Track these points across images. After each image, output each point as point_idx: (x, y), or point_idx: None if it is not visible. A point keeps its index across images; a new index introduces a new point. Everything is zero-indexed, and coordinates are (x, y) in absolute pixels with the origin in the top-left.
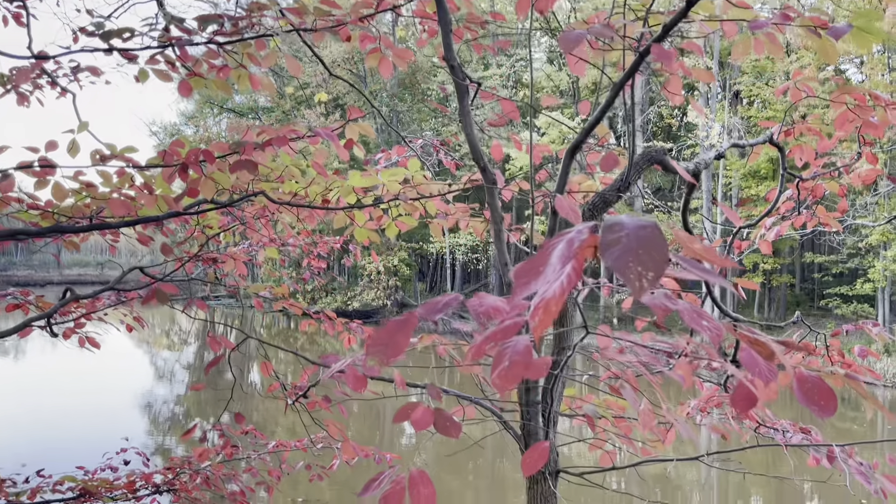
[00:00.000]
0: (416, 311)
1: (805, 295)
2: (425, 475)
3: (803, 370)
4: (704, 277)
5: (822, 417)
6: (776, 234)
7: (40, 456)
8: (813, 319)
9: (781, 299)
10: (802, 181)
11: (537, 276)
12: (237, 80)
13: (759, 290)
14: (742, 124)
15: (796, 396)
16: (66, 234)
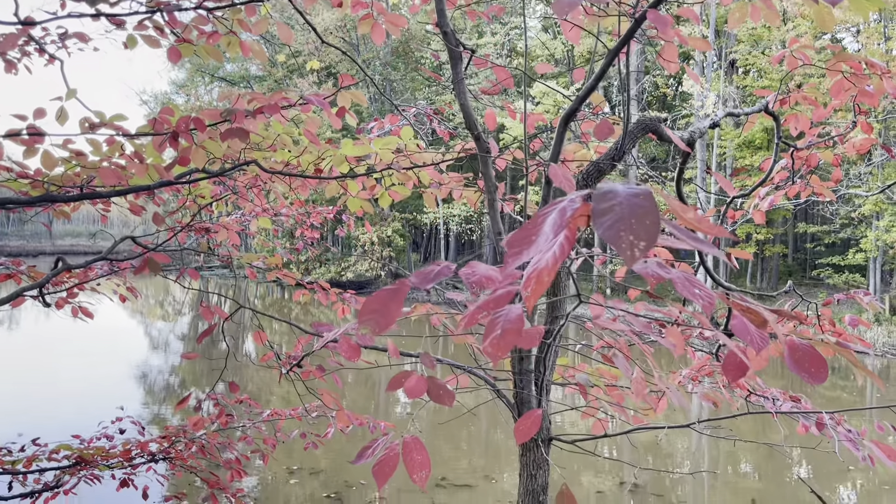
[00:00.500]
0: (408, 279)
1: (797, 265)
2: (419, 442)
3: (795, 338)
4: (698, 247)
5: (813, 384)
6: (770, 203)
7: (35, 425)
8: (805, 289)
9: (774, 269)
10: (797, 150)
11: (529, 245)
12: (227, 46)
13: (752, 260)
14: (737, 93)
15: (787, 364)
16: (57, 204)
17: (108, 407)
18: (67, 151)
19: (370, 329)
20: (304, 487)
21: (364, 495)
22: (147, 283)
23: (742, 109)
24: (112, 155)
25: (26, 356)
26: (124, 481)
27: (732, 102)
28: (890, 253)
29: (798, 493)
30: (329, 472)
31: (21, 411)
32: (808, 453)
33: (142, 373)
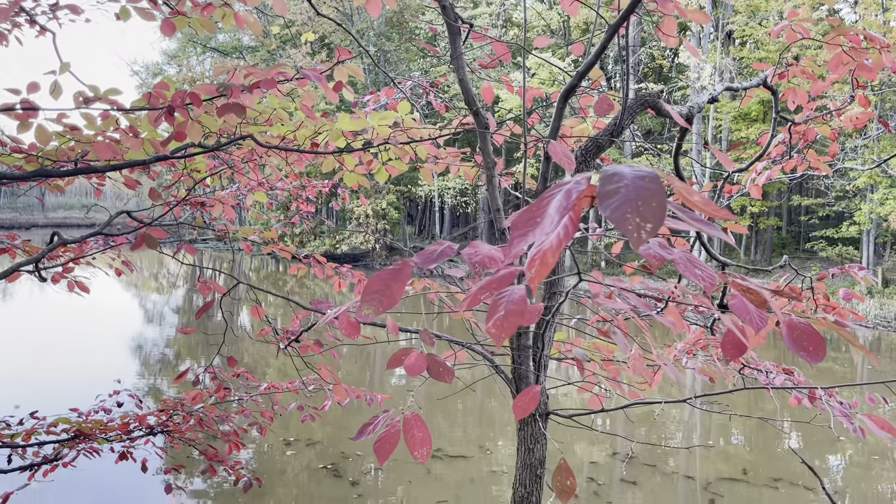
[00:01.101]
0: (410, 259)
1: (791, 237)
2: (420, 419)
3: (794, 317)
4: (702, 229)
5: (812, 363)
6: (767, 178)
7: (32, 397)
8: (798, 261)
9: (768, 242)
10: (794, 125)
11: (534, 227)
12: (221, 18)
13: (747, 233)
14: (734, 65)
15: (786, 342)
16: (51, 178)
17: (104, 379)
18: (62, 126)
19: (373, 309)
20: (300, 459)
21: (360, 466)
22: (141, 256)
23: (740, 84)
24: (107, 129)
25: (21, 328)
26: (123, 454)
27: (729, 74)
28: (883, 226)
29: (789, 464)
30: (325, 443)
31: (17, 382)
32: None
33: (137, 345)
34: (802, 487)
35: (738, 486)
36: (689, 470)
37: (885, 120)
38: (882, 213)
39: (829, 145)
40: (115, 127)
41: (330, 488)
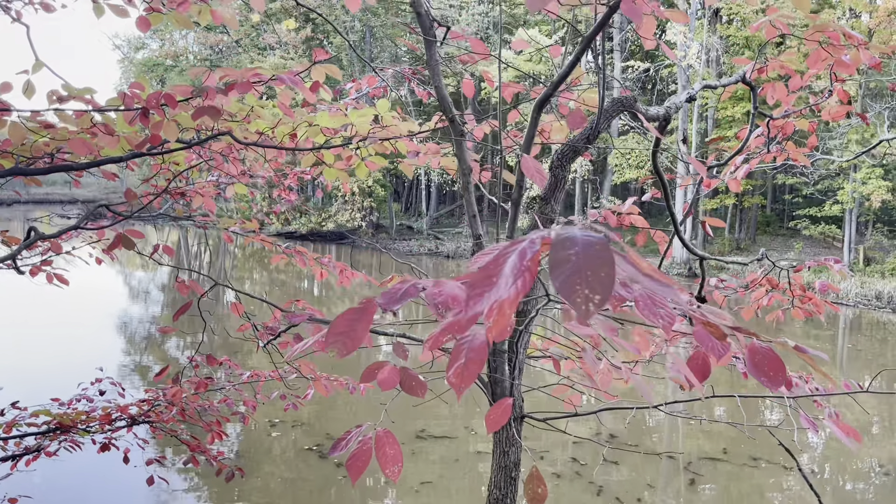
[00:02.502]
0: (374, 299)
1: (775, 216)
2: (391, 435)
3: (755, 342)
4: (654, 291)
5: (772, 389)
6: (745, 172)
7: (11, 381)
8: (782, 239)
9: (752, 220)
10: (773, 120)
11: (490, 287)
12: (198, 14)
13: (731, 211)
14: (721, 43)
15: (748, 367)
16: None
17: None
18: (36, 123)
19: (337, 351)
20: (286, 440)
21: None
22: None
23: (719, 81)
24: (82, 126)
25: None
26: (105, 445)
27: (716, 52)
28: (865, 205)
29: (770, 440)
30: (310, 424)
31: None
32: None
33: (119, 327)
34: (781, 466)
35: (719, 465)
36: (671, 448)
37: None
38: (864, 193)
39: (808, 136)
40: (91, 125)
41: (316, 470)
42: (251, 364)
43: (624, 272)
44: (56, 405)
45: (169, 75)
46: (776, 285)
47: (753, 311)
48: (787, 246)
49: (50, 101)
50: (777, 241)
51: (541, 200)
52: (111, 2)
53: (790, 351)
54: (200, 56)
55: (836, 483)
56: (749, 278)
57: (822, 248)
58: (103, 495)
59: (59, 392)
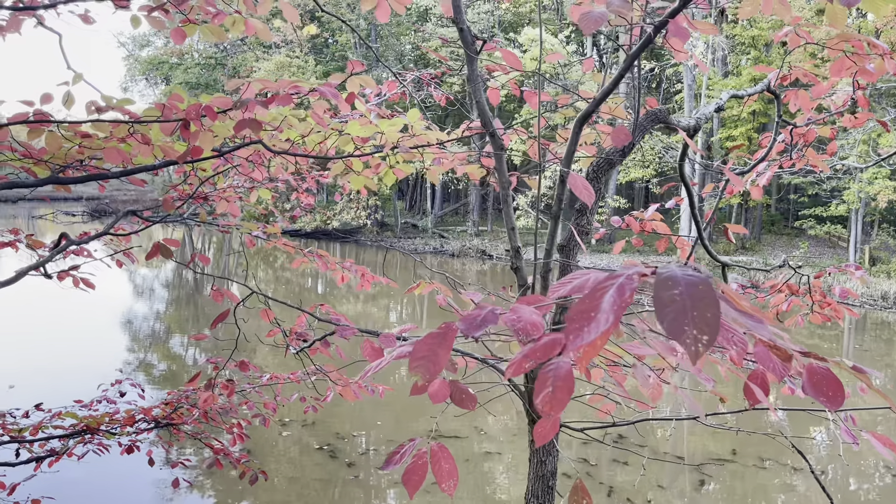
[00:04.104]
0: (454, 324)
1: (780, 215)
2: (446, 450)
3: (814, 363)
4: (755, 332)
5: (831, 409)
6: (767, 179)
7: (29, 379)
8: (787, 238)
9: (757, 219)
10: (796, 128)
11: (589, 322)
12: (232, 26)
13: (736, 210)
14: (727, 43)
15: (805, 388)
16: None
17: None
18: (73, 133)
19: (421, 375)
20: (296, 439)
21: (355, 447)
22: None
23: (745, 91)
24: (117, 136)
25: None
26: (129, 447)
27: (721, 51)
28: (871, 205)
29: (778, 444)
30: (321, 423)
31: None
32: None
33: (134, 328)
34: (790, 468)
35: (728, 465)
36: (677, 448)
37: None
38: (871, 193)
39: (828, 144)
40: (127, 134)
41: (326, 470)
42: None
43: (723, 311)
44: (79, 407)
45: (174, 73)
46: (796, 291)
47: (773, 316)
48: (792, 245)
49: (89, 112)
50: (782, 240)
51: (576, 212)
52: (151, 15)
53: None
54: (205, 54)
55: (842, 484)
56: (769, 283)
57: (827, 247)
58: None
59: (76, 393)
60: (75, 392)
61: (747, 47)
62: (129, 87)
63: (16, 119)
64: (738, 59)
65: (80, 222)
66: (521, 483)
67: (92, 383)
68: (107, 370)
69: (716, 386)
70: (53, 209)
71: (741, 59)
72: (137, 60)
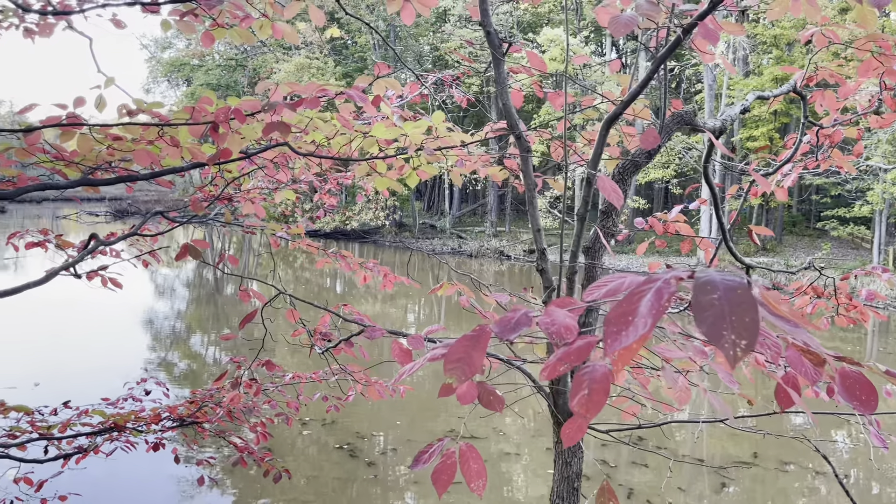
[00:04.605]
0: (488, 327)
1: (802, 215)
2: (474, 450)
3: (846, 367)
4: (794, 335)
5: (865, 413)
6: (792, 180)
7: (56, 377)
8: (808, 240)
9: (779, 220)
10: (822, 129)
11: (627, 326)
12: (259, 29)
13: (757, 211)
14: (748, 42)
15: (838, 391)
16: None
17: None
18: (104, 135)
19: (457, 378)
20: (316, 438)
21: (374, 446)
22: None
23: (771, 92)
24: (147, 138)
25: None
26: (156, 445)
27: (742, 51)
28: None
29: (799, 446)
30: (340, 423)
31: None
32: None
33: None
34: (812, 471)
35: (748, 469)
36: (696, 451)
37: None
38: (895, 193)
39: (854, 145)
40: (157, 137)
41: (345, 469)
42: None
43: (762, 315)
44: (106, 405)
45: (195, 74)
46: (821, 293)
47: None
48: (814, 246)
49: (120, 115)
50: (804, 241)
51: (602, 214)
52: (183, 19)
53: (878, 374)
54: (226, 56)
55: (864, 487)
56: (795, 285)
57: (850, 249)
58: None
59: (102, 391)
60: (101, 390)
61: (769, 46)
62: (152, 89)
63: (49, 122)
64: (759, 59)
65: (103, 222)
66: (539, 484)
67: (117, 382)
68: (131, 369)
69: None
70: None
71: (762, 59)
72: (159, 62)
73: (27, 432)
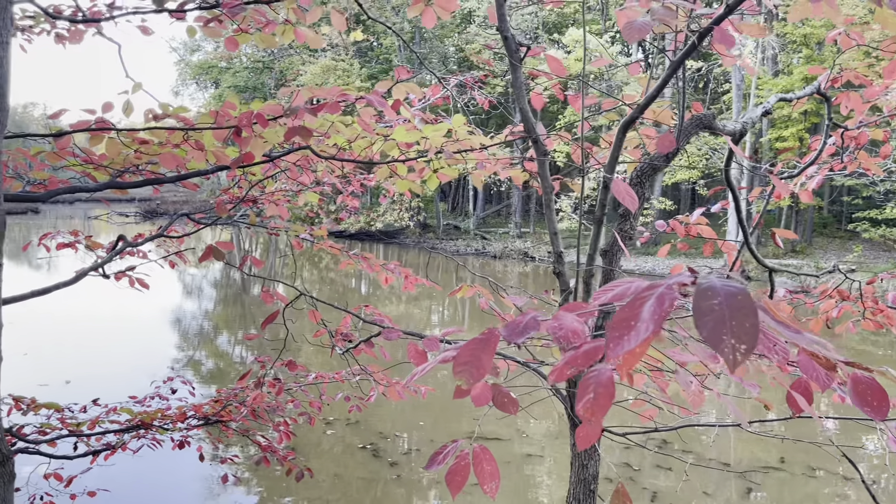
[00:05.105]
0: (496, 330)
1: (833, 217)
2: (488, 452)
3: (858, 372)
4: (797, 340)
5: (877, 419)
6: (817, 183)
7: (85, 375)
8: (839, 242)
9: (809, 221)
10: (847, 131)
11: (629, 331)
12: (282, 34)
13: (786, 212)
14: (777, 42)
15: (850, 397)
16: None
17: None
18: (131, 139)
19: (465, 380)
20: (340, 438)
21: (398, 446)
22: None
23: (794, 94)
24: (174, 142)
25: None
26: (181, 443)
27: (772, 50)
28: None
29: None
30: (364, 422)
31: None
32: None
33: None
34: (841, 477)
35: (776, 473)
36: (723, 455)
37: None
38: None
39: (881, 145)
40: (182, 140)
41: (369, 469)
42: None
43: (762, 320)
44: (133, 403)
45: (223, 77)
46: (847, 297)
47: (823, 322)
48: (844, 249)
49: (147, 119)
50: (834, 243)
51: (620, 217)
52: (208, 25)
53: (890, 380)
54: (253, 58)
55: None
56: (820, 288)
57: (882, 251)
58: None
59: (130, 389)
60: (130, 389)
61: (799, 46)
62: (181, 91)
63: (78, 127)
64: (789, 58)
65: (133, 223)
66: (562, 486)
67: (145, 380)
68: (158, 367)
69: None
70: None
71: (792, 58)
72: (188, 65)
73: (57, 429)
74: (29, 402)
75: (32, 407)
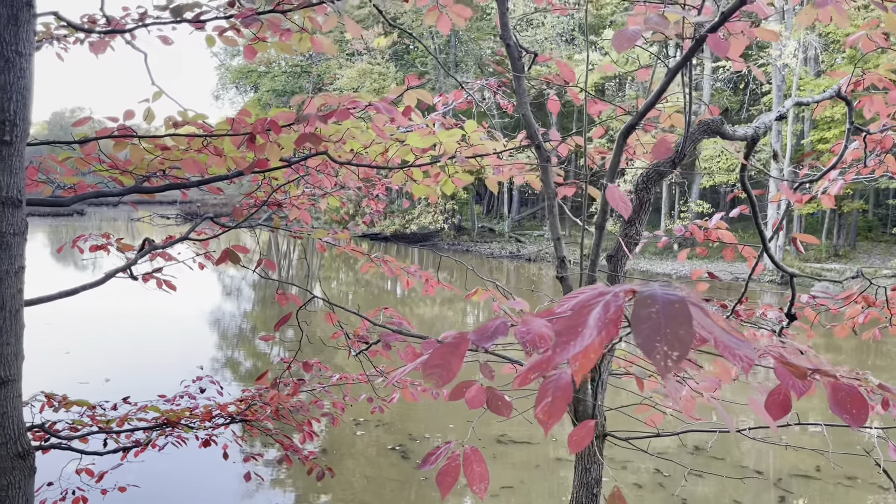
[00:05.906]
0: (467, 335)
1: (878, 220)
2: (478, 453)
3: (840, 378)
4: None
5: (854, 426)
6: (839, 187)
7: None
8: (885, 246)
9: (852, 225)
10: (870, 135)
11: (576, 337)
12: (298, 43)
13: (829, 216)
14: (819, 41)
15: (829, 404)
16: None
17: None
18: (154, 145)
19: (434, 382)
20: (369, 439)
21: (427, 448)
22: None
23: (812, 98)
24: (195, 148)
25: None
26: (206, 441)
27: (813, 50)
28: None
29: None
30: (394, 424)
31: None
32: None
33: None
34: (879, 487)
35: (811, 483)
36: (758, 464)
37: None
38: None
39: None
40: (202, 147)
41: (401, 470)
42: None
43: (704, 326)
44: (162, 401)
45: (262, 81)
46: (873, 303)
47: (849, 328)
48: (889, 253)
49: (167, 127)
50: (879, 248)
51: (625, 223)
52: (224, 34)
53: (876, 390)
54: (291, 62)
55: None
56: (845, 294)
57: None
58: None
59: (161, 387)
60: (161, 387)
61: (841, 45)
62: (221, 95)
63: (101, 134)
64: (831, 58)
65: (173, 224)
66: None
67: (176, 379)
68: (190, 367)
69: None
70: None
71: (835, 58)
72: (228, 70)
73: (87, 426)
74: (60, 399)
75: (64, 404)
